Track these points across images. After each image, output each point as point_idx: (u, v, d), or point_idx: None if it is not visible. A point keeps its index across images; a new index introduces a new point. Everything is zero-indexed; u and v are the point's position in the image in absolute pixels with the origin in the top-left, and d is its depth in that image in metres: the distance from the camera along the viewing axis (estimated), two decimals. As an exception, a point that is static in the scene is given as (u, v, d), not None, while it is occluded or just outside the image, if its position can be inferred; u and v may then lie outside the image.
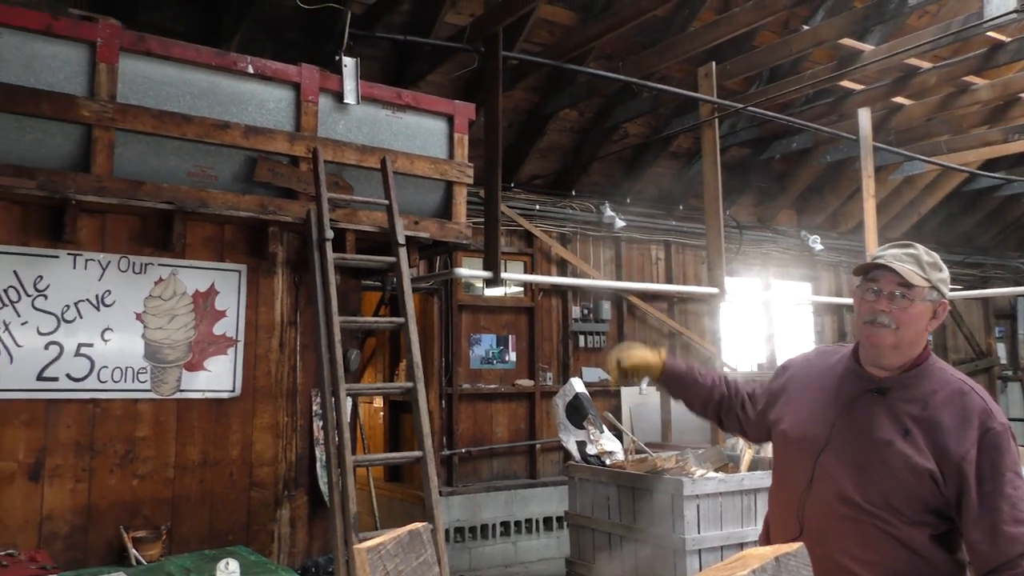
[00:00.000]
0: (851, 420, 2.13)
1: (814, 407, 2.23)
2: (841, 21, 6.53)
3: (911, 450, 2.02)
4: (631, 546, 5.54)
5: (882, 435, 2.06)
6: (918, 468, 1.99)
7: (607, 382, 8.63)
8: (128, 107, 4.15)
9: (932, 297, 2.09)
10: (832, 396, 2.21)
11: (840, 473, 2.09)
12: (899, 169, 9.99)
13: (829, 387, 2.23)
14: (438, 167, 5.19)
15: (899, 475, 2.01)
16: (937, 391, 2.08)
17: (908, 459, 2.01)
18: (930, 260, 2.12)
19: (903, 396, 2.09)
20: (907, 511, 2.00)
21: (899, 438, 2.04)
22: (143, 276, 4.41)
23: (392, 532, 1.82)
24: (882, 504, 2.02)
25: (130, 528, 4.11)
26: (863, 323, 2.12)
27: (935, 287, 2.09)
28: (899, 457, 2.02)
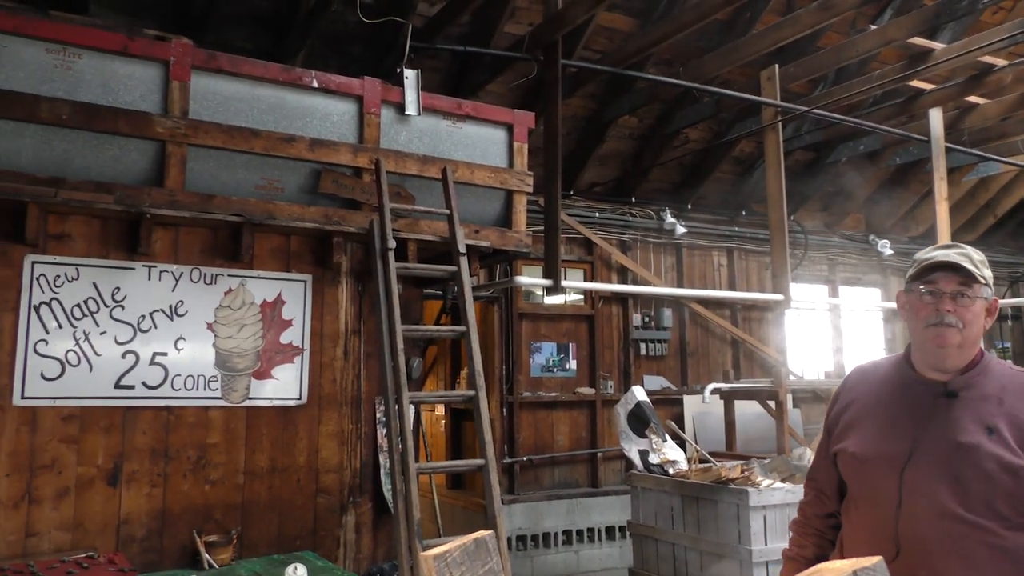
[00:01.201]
0: (930, 429, 2.05)
1: (882, 423, 2.15)
2: (910, 20, 6.34)
3: (1001, 449, 1.94)
4: (695, 557, 5.45)
5: (967, 439, 1.98)
6: (1013, 466, 1.92)
7: (669, 390, 8.53)
8: (199, 123, 4.29)
9: (987, 294, 2.06)
10: (900, 408, 2.13)
11: (934, 487, 2.00)
12: (973, 170, 9.65)
13: (892, 400, 2.16)
14: (498, 176, 5.22)
15: (996, 477, 1.93)
16: (1006, 385, 2.02)
17: (1001, 459, 1.93)
18: (980, 258, 2.09)
19: (974, 395, 2.03)
20: (1011, 515, 1.92)
21: (985, 439, 1.96)
22: (213, 287, 4.54)
23: (457, 540, 1.83)
24: (985, 512, 1.94)
25: (202, 532, 4.22)
26: (926, 326, 2.06)
27: (988, 284, 2.06)
28: (991, 458, 1.94)
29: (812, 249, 9.71)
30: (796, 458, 5.86)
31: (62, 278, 4.15)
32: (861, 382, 2.31)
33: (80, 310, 4.18)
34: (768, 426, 7.54)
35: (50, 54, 3.98)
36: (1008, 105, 8.13)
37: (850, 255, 10.25)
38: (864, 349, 10.15)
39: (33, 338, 4.06)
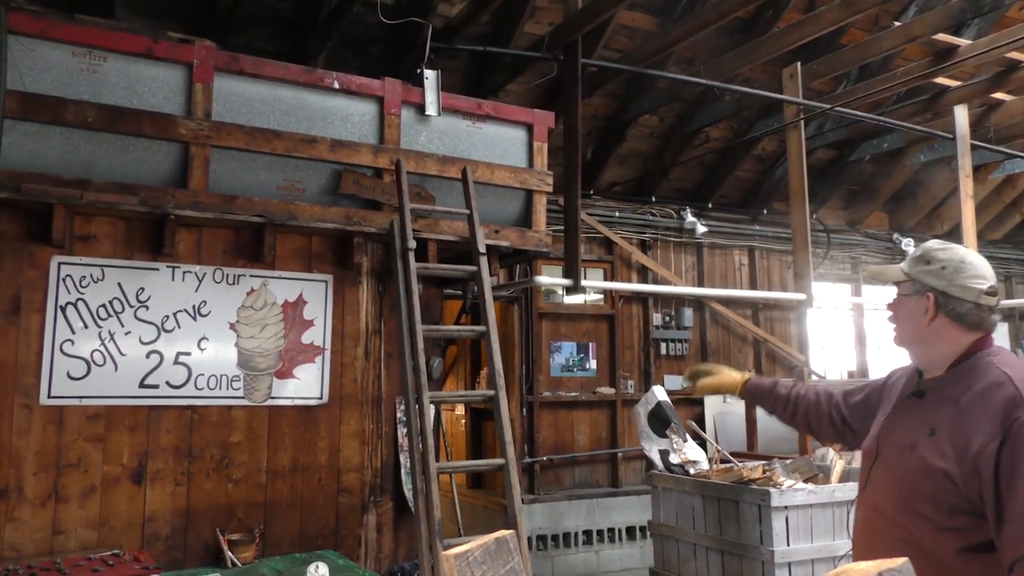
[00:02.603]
0: (894, 428, 2.14)
1: (878, 420, 2.26)
2: (935, 16, 6.26)
3: (929, 451, 1.96)
4: (716, 557, 5.42)
5: (908, 439, 2.04)
6: (932, 469, 1.93)
7: (690, 389, 8.49)
8: (222, 124, 4.32)
9: (916, 289, 2.11)
10: (889, 407, 2.24)
11: (881, 483, 2.09)
12: (999, 168, 9.52)
13: (891, 398, 2.27)
14: (518, 176, 5.22)
15: (913, 477, 1.97)
16: (973, 386, 1.98)
17: (923, 460, 1.96)
18: (918, 254, 2.14)
19: (939, 396, 2.05)
20: (933, 515, 1.93)
21: (923, 440, 1.99)
22: (236, 287, 4.58)
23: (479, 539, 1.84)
24: (907, 510, 1.98)
25: (225, 531, 4.26)
26: None
27: (916, 279, 2.10)
28: (916, 459, 1.98)
29: (834, 248, 9.63)
30: (818, 458, 5.81)
31: (88, 279, 4.21)
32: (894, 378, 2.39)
33: (105, 310, 4.23)
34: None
35: (76, 57, 4.03)
36: (1035, 102, 8.02)
37: (873, 254, 10.15)
38: (887, 348, 10.04)
39: (59, 338, 4.11)
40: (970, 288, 2.04)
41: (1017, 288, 11.21)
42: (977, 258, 2.10)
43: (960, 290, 2.04)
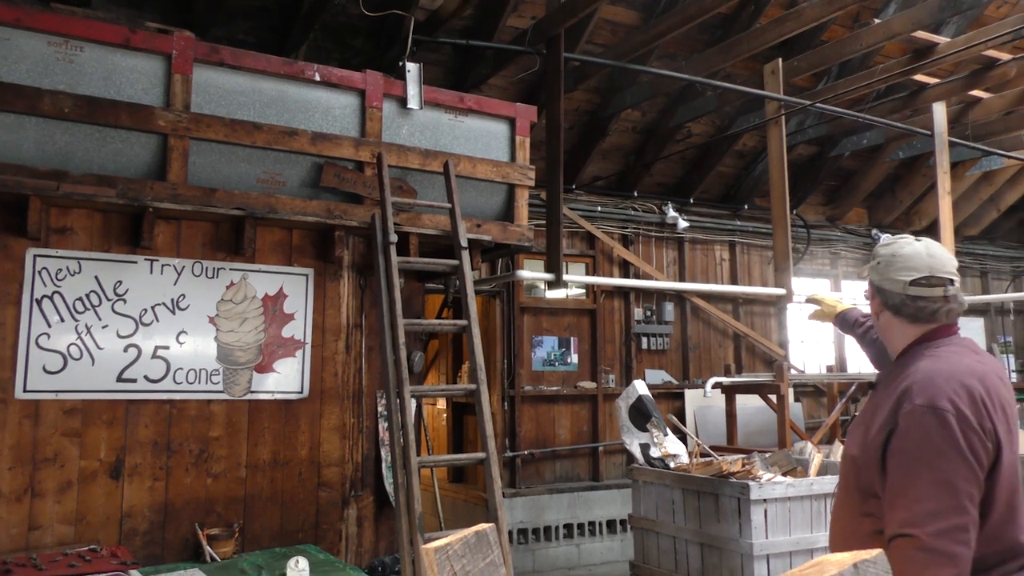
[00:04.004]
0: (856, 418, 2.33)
1: None
2: (914, 13, 6.31)
3: (855, 440, 2.10)
4: (696, 550, 5.46)
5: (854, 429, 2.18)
6: (848, 457, 2.11)
7: (670, 384, 8.53)
8: (201, 116, 4.28)
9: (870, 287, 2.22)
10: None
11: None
12: (977, 164, 9.63)
13: None
14: (500, 170, 5.22)
15: (843, 466, 2.14)
16: (900, 378, 2.05)
17: (848, 449, 2.13)
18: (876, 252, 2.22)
19: (882, 388, 2.16)
20: (855, 501, 2.06)
21: (860, 429, 2.10)
22: (215, 280, 4.54)
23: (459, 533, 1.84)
24: (841, 497, 2.15)
25: (204, 526, 4.23)
26: None
27: (867, 278, 2.22)
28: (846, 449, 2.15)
29: (814, 243, 9.71)
30: (797, 452, 5.87)
31: (64, 271, 4.16)
32: None
33: (82, 304, 4.18)
34: (769, 420, 7.54)
35: (52, 47, 3.98)
36: (1012, 99, 8.11)
37: (852, 249, 10.24)
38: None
39: (35, 332, 4.06)
40: (896, 280, 2.07)
41: (993, 284, 11.35)
42: (915, 250, 2.08)
43: (890, 283, 2.08)
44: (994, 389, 1.94)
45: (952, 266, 2.08)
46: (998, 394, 1.94)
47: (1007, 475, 1.89)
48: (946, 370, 1.95)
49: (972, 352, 2.05)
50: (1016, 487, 1.92)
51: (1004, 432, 1.89)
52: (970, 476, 1.80)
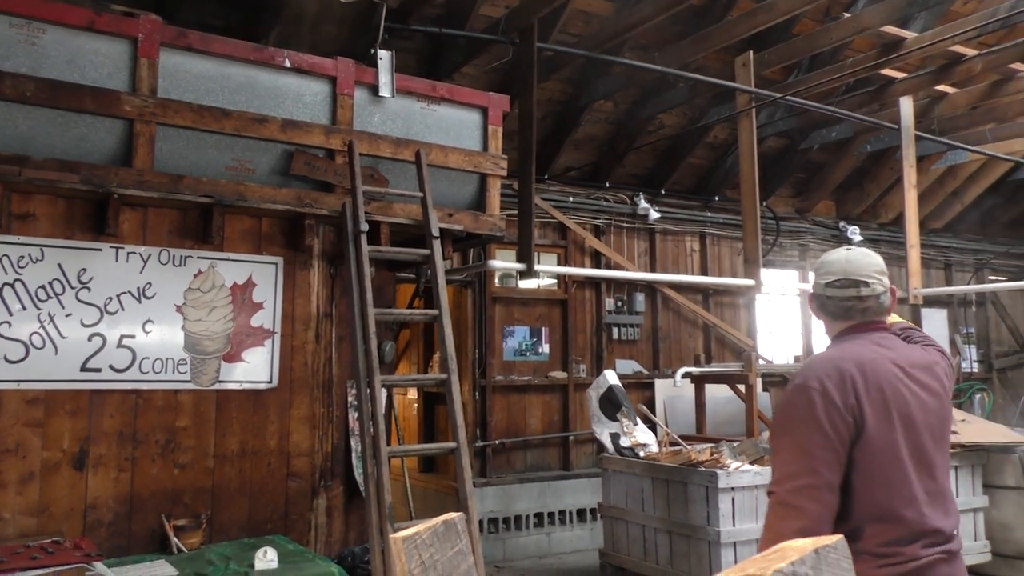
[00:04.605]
0: None
1: None
2: (884, 8, 6.39)
3: None
4: (665, 538, 5.52)
5: None
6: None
7: (641, 374, 8.59)
8: (168, 102, 4.21)
9: None
10: None
11: None
12: (942, 159, 9.78)
13: None
14: (472, 159, 5.20)
15: None
16: None
17: None
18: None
19: None
20: None
21: None
22: (183, 269, 4.48)
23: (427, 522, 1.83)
24: None
25: (171, 516, 4.19)
26: None
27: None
28: None
29: (783, 235, 9.81)
30: (765, 441, 5.94)
31: (26, 259, 4.08)
32: None
33: (45, 292, 4.11)
34: (738, 410, 7.63)
35: (14, 28, 3.88)
36: (977, 95, 8.24)
37: (821, 241, 10.36)
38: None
39: (-3, 320, 3.98)
40: (817, 283, 2.36)
41: (957, 276, 11.56)
42: (836, 257, 2.35)
43: (817, 286, 2.37)
44: (876, 374, 2.15)
45: (870, 270, 2.29)
46: (880, 378, 2.14)
47: (878, 450, 2.09)
48: (830, 356, 2.24)
49: (876, 344, 2.24)
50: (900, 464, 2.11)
51: (876, 411, 2.10)
52: (826, 445, 2.06)
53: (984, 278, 11.63)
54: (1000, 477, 6.34)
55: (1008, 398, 11.50)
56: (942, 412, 2.23)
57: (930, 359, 2.30)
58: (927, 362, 2.27)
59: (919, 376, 2.21)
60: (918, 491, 2.11)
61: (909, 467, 2.12)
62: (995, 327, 11.84)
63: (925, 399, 2.20)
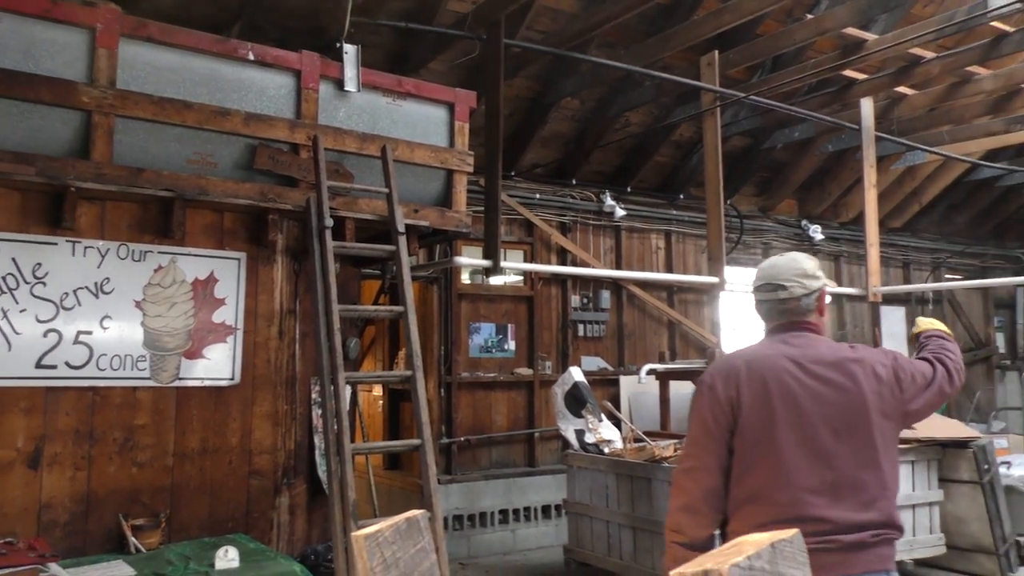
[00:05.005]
0: None
1: None
2: (845, 10, 6.48)
3: None
4: (629, 534, 5.55)
5: None
6: None
7: (606, 371, 8.64)
8: (128, 93, 4.13)
9: None
10: None
11: None
12: (901, 159, 9.97)
13: None
14: (438, 155, 5.18)
15: None
16: None
17: None
18: None
19: None
20: None
21: None
22: (142, 264, 4.40)
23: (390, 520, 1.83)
24: None
25: (129, 516, 4.12)
26: None
27: None
28: None
29: (747, 233, 9.92)
30: (728, 437, 6.01)
31: (-21, 253, 3.97)
32: None
33: (-1, 286, 4.00)
34: (702, 406, 7.68)
35: (-35, 16, 3.78)
36: (935, 96, 8.41)
37: (783, 240, 10.50)
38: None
39: (-53, 315, 3.87)
40: (752, 288, 2.56)
41: (915, 274, 11.79)
42: (766, 264, 2.55)
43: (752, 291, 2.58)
44: (762, 368, 2.35)
45: (790, 275, 2.46)
46: (765, 372, 2.34)
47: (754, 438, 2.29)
48: (731, 354, 2.56)
49: (782, 342, 2.43)
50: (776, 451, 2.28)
51: (755, 403, 2.31)
52: (707, 433, 2.36)
53: (941, 277, 11.88)
54: (955, 472, 6.49)
55: (963, 394, 11.78)
56: (849, 406, 2.30)
57: (842, 356, 2.37)
58: (836, 359, 2.36)
59: (818, 371, 2.34)
60: (800, 478, 2.23)
61: (790, 455, 2.26)
62: (951, 325, 12.10)
63: (823, 392, 2.31)
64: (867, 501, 2.25)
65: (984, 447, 6.55)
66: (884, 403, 2.34)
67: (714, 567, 0.92)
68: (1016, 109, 8.39)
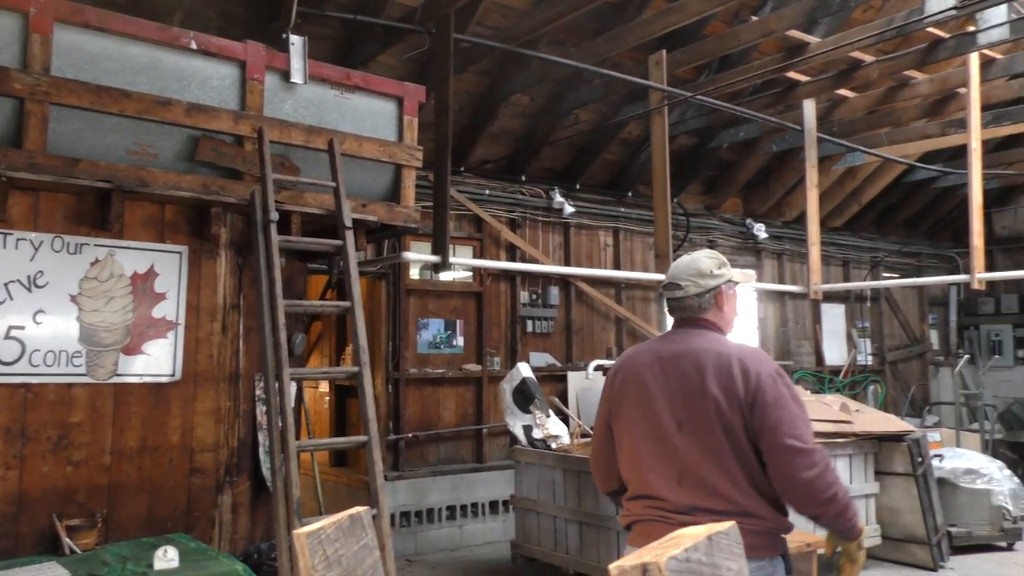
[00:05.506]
0: None
1: None
2: (789, 12, 6.61)
3: None
4: (575, 528, 5.60)
5: None
6: None
7: (554, 366, 8.69)
8: (63, 81, 4.00)
9: None
10: None
11: None
12: (842, 160, 10.22)
13: None
14: (387, 149, 5.14)
15: None
16: None
17: None
18: None
19: None
20: None
21: None
22: (78, 257, 4.27)
23: (332, 517, 1.81)
24: None
25: (64, 516, 4.00)
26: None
27: None
28: None
29: (693, 231, 10.06)
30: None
31: (-97, 244, 3.81)
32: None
33: (-76, 279, 3.85)
34: (648, 402, 7.77)
35: None
36: (874, 99, 8.64)
37: (728, 238, 10.68)
38: (738, 327, 10.62)
39: None
40: None
41: (854, 272, 12.11)
42: (674, 263, 2.74)
43: None
44: (632, 364, 2.65)
45: (687, 274, 2.64)
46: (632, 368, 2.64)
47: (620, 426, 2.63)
48: (628, 350, 2.81)
49: (662, 339, 2.70)
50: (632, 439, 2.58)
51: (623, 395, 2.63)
52: (599, 416, 2.77)
53: (879, 275, 12.22)
54: (890, 464, 6.69)
55: (899, 389, 12.16)
56: (692, 399, 2.46)
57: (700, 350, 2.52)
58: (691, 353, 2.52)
59: (671, 366, 2.54)
60: (647, 463, 2.52)
61: (641, 445, 2.55)
62: (888, 322, 12.48)
63: (671, 386, 2.51)
64: (711, 491, 2.39)
65: (918, 440, 6.77)
66: (730, 402, 2.41)
67: (652, 560, 0.93)
68: (951, 113, 8.67)
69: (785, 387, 2.44)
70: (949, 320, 13.09)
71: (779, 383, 2.44)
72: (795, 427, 2.37)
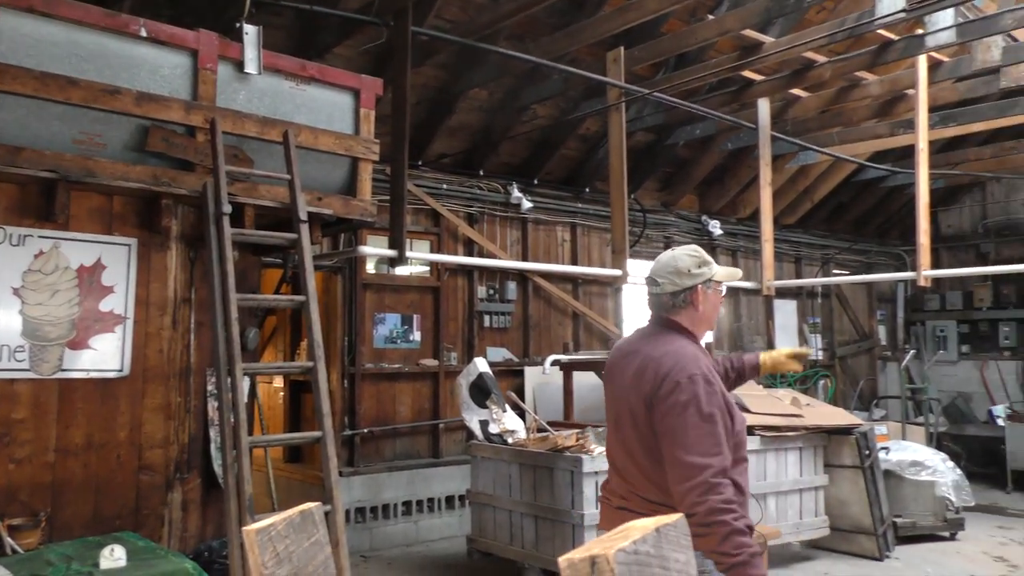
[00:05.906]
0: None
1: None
2: (745, 12, 6.70)
3: None
4: (531, 523, 5.62)
5: None
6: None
7: (511, 361, 8.70)
8: (6, 67, 3.88)
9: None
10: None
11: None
12: (795, 158, 10.39)
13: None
14: (343, 142, 5.08)
15: None
16: None
17: None
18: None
19: None
20: None
21: None
22: (21, 248, 4.15)
23: (283, 513, 1.79)
24: None
25: (5, 516, 3.89)
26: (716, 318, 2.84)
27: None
28: None
29: (650, 227, 10.15)
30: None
31: None
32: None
33: None
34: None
35: None
36: (826, 99, 8.80)
37: (684, 234, 10.79)
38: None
39: None
40: None
41: (806, 269, 12.35)
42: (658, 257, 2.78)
43: None
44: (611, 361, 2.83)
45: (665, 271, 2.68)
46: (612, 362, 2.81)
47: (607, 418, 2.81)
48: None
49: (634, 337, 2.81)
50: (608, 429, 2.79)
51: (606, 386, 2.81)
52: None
53: (829, 272, 12.47)
54: (839, 457, 6.84)
55: (848, 384, 12.44)
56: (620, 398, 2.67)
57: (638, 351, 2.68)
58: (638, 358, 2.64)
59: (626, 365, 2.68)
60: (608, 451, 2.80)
61: (611, 433, 2.77)
62: (838, 318, 12.74)
63: (624, 386, 2.65)
64: (631, 483, 2.62)
65: (866, 434, 6.94)
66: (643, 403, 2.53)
67: (600, 552, 0.94)
68: (900, 113, 8.87)
69: (690, 395, 2.37)
70: (897, 316, 13.41)
71: (682, 391, 2.38)
72: (683, 437, 2.33)
